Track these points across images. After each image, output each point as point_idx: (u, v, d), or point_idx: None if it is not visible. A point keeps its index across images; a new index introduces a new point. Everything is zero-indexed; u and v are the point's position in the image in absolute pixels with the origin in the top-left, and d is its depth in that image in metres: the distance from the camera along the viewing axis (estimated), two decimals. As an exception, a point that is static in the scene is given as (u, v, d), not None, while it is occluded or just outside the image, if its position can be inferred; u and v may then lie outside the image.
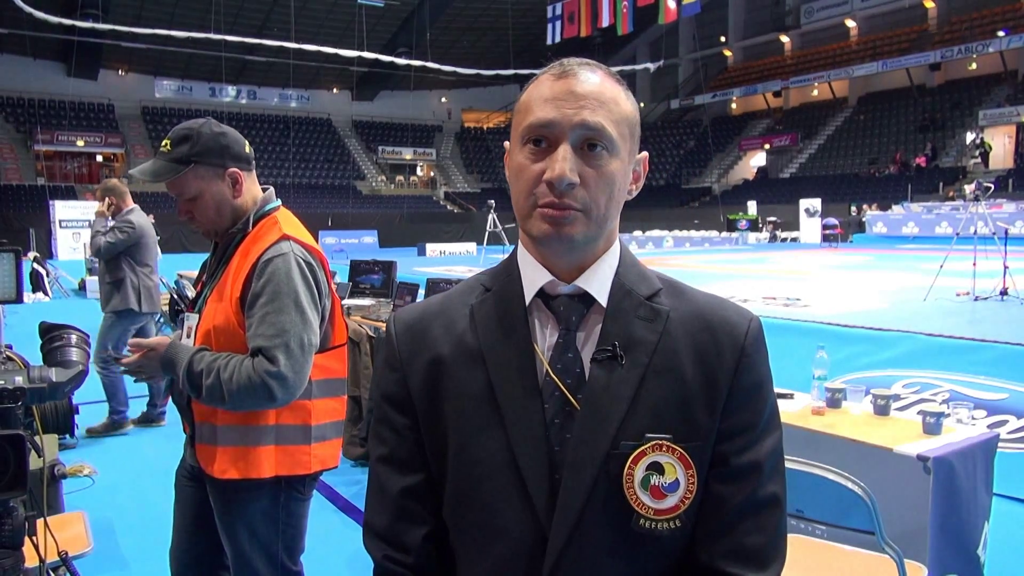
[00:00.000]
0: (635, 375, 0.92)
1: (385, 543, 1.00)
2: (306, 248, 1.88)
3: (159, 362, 1.81)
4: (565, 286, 0.95)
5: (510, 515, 0.92)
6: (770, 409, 0.97)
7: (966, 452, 2.55)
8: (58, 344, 1.99)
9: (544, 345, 0.95)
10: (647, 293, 0.97)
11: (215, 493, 1.93)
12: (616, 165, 0.92)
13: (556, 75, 0.93)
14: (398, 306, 5.80)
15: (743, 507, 0.93)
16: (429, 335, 1.00)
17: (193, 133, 1.87)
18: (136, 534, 3.62)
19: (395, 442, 1.00)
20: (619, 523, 0.90)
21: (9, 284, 1.90)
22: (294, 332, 1.77)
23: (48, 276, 14.63)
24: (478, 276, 1.06)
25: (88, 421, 4.99)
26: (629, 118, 0.94)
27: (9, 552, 1.64)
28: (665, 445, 0.89)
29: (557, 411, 0.92)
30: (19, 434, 1.55)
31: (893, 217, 24.89)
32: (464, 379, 0.96)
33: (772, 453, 0.95)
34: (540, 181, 0.90)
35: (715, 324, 0.95)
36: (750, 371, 0.95)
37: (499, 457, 0.92)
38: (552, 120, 0.90)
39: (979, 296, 7.76)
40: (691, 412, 0.92)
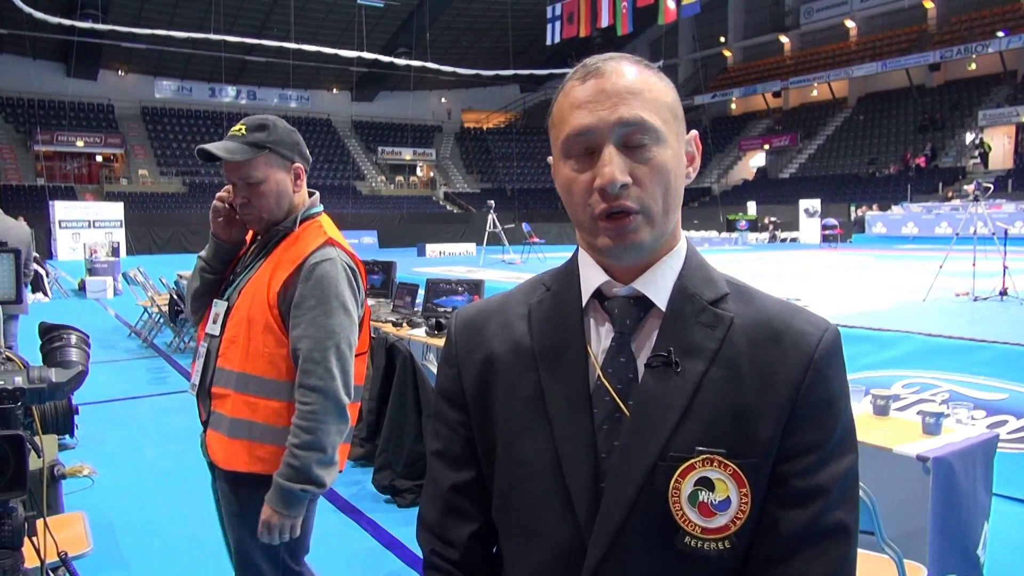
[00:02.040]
0: (690, 384, 0.86)
1: (434, 536, 1.00)
2: (350, 256, 1.94)
3: (285, 510, 1.80)
4: (621, 287, 0.91)
5: (551, 520, 0.90)
6: (843, 430, 0.88)
7: (966, 452, 2.54)
8: (58, 344, 1.99)
9: (598, 348, 0.91)
10: (711, 298, 0.91)
11: (221, 483, 1.95)
12: (667, 153, 0.87)
13: (582, 78, 0.89)
14: (398, 306, 5.80)
15: (803, 534, 0.85)
16: (485, 332, 0.98)
17: (270, 123, 1.91)
18: (136, 534, 3.62)
19: (448, 438, 1.00)
20: (663, 539, 0.85)
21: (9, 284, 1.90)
22: (343, 334, 1.83)
23: (48, 276, 14.62)
24: (541, 275, 1.03)
25: (88, 421, 4.98)
26: (668, 102, 0.89)
27: (9, 552, 1.64)
28: (717, 460, 0.84)
29: (606, 417, 0.88)
30: (19, 434, 1.55)
31: (893, 217, 24.90)
32: (516, 378, 0.94)
33: (842, 478, 0.87)
34: (592, 191, 0.86)
35: (782, 334, 0.89)
36: (819, 387, 0.87)
37: (544, 460, 0.90)
38: (589, 126, 0.86)
39: (979, 296, 7.76)
40: (749, 427, 0.85)
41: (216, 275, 2.01)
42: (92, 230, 24.33)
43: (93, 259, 15.64)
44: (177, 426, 5.46)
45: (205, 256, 2.03)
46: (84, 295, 14.63)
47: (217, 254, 2.01)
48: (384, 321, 5.26)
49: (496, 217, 19.54)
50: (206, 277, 2.02)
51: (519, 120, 45.56)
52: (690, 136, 0.94)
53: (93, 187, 33.30)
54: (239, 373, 1.86)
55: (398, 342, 4.27)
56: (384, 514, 3.84)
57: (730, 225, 28.72)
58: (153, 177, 35.44)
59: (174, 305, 8.42)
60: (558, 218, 35.30)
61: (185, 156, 36.40)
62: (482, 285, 5.35)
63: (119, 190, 32.55)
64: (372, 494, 4.05)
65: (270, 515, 1.79)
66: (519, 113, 45.94)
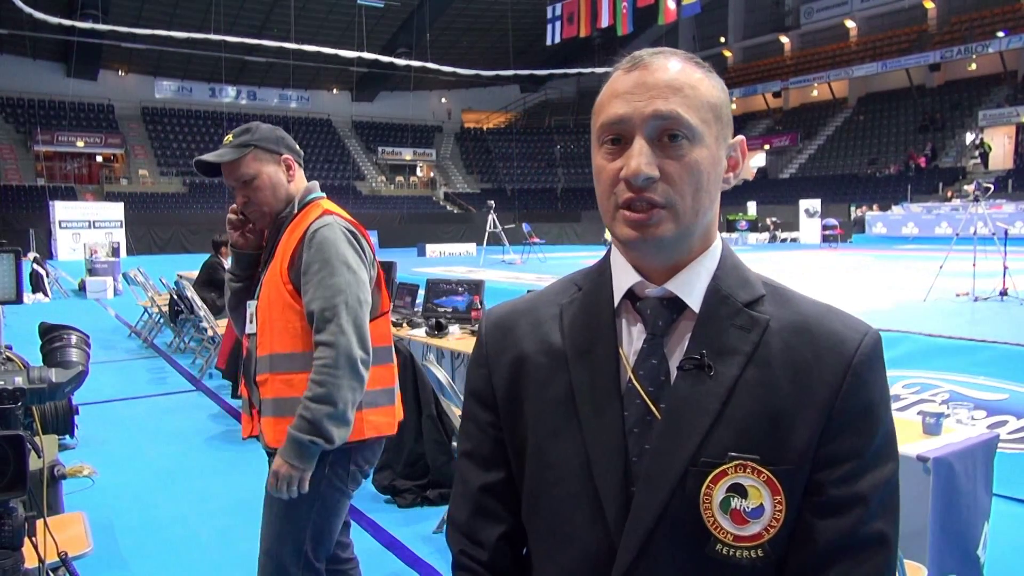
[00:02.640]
0: (723, 387, 0.84)
1: (463, 536, 0.99)
2: (348, 222, 2.03)
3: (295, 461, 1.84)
4: (654, 288, 0.89)
5: (580, 523, 0.88)
6: (882, 437, 0.86)
7: (966, 452, 2.54)
8: (58, 345, 1.99)
9: (630, 349, 0.90)
10: (746, 299, 0.88)
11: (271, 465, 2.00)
12: (701, 153, 0.85)
13: (627, 68, 0.88)
14: (398, 306, 5.80)
15: (841, 544, 0.83)
16: (515, 333, 0.97)
17: (252, 126, 2.06)
18: (136, 535, 3.62)
19: (478, 438, 0.99)
20: (694, 546, 0.83)
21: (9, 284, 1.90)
22: (350, 291, 1.90)
23: (48, 277, 14.62)
24: (573, 275, 1.01)
25: (88, 421, 4.99)
26: (711, 102, 0.87)
27: (9, 553, 1.64)
28: (750, 466, 0.82)
29: (637, 420, 0.87)
30: (19, 435, 1.55)
31: (893, 217, 24.91)
32: (546, 379, 0.93)
33: (881, 487, 0.85)
34: (619, 180, 0.85)
35: (820, 337, 0.86)
36: (858, 393, 0.84)
37: (574, 462, 0.89)
38: (623, 115, 0.85)
39: (979, 296, 7.77)
40: (784, 433, 0.83)
41: (243, 282, 2.14)
42: (92, 230, 24.34)
43: (93, 259, 15.64)
44: (177, 426, 5.46)
45: (230, 268, 2.18)
46: (84, 295, 14.62)
47: (239, 262, 2.14)
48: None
49: (496, 217, 19.54)
50: (234, 286, 2.15)
51: (519, 120, 45.56)
52: (735, 141, 0.92)
53: (93, 187, 33.30)
54: (270, 355, 1.96)
55: (398, 342, 4.26)
56: (384, 514, 3.84)
57: (730, 225, 28.71)
58: (153, 177, 35.44)
59: (174, 305, 8.41)
60: (558, 218, 35.32)
61: (185, 156, 36.40)
62: (482, 285, 5.35)
63: (119, 190, 32.55)
64: (372, 494, 4.05)
65: (280, 465, 1.84)
66: (519, 113, 45.94)
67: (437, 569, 3.21)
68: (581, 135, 43.05)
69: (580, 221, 34.32)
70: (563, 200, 39.49)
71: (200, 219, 29.61)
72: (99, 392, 6.29)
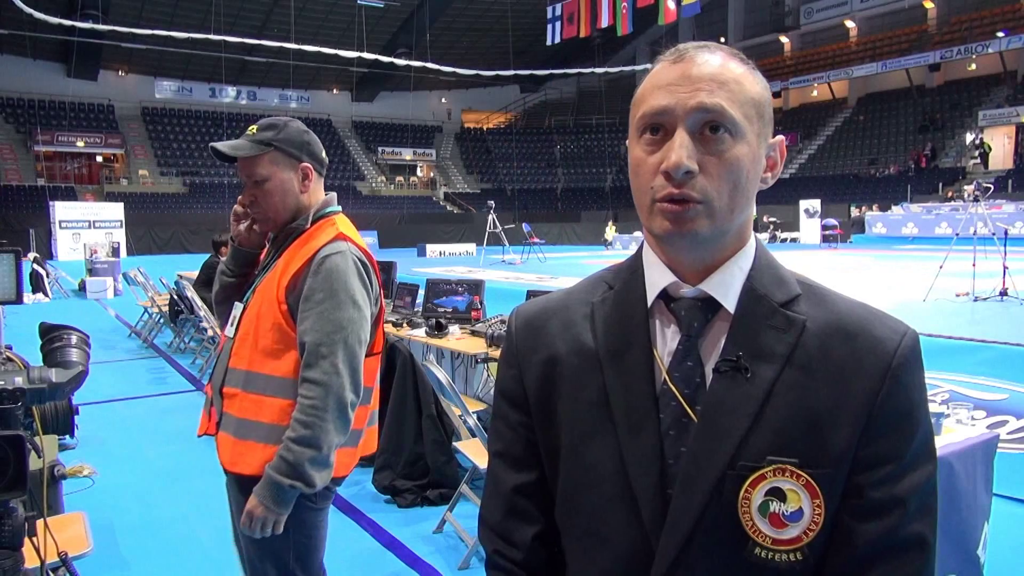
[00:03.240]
0: (760, 390, 0.83)
1: (497, 536, 0.98)
2: (362, 251, 1.91)
3: (271, 504, 1.74)
4: (689, 288, 0.88)
5: (616, 525, 0.88)
6: (921, 439, 0.85)
7: (966, 452, 2.55)
8: (58, 345, 2.00)
9: (664, 351, 0.89)
10: (782, 299, 0.87)
11: (232, 486, 1.91)
12: (742, 150, 0.83)
13: (671, 60, 0.86)
14: (398, 306, 5.80)
15: (880, 547, 0.83)
16: (547, 332, 0.96)
17: (280, 123, 1.93)
18: (136, 535, 3.62)
19: (509, 438, 0.98)
20: (732, 549, 0.83)
21: (9, 284, 1.90)
22: (352, 329, 1.80)
23: (48, 277, 14.62)
24: (603, 272, 1.00)
25: (88, 421, 4.99)
26: (756, 99, 0.86)
27: (9, 553, 1.64)
28: (789, 470, 0.81)
29: (673, 422, 0.86)
30: (19, 435, 1.55)
31: (893, 218, 24.91)
32: (579, 381, 0.92)
33: (920, 489, 0.84)
34: (657, 173, 0.83)
35: (858, 338, 0.85)
36: (898, 395, 0.83)
37: (609, 465, 0.88)
38: (666, 107, 0.83)
39: (979, 296, 7.77)
40: (822, 436, 0.82)
41: (235, 278, 2.03)
42: (92, 230, 24.34)
43: (93, 259, 15.63)
44: (177, 426, 5.45)
45: (225, 260, 2.06)
46: (84, 295, 14.62)
47: (236, 258, 2.03)
48: (384, 321, 5.26)
49: (496, 217, 19.55)
50: (224, 280, 2.04)
51: (519, 120, 45.56)
52: (775, 141, 0.91)
53: (93, 187, 33.30)
54: (246, 371, 1.84)
55: (398, 342, 4.27)
56: (384, 514, 3.84)
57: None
58: (153, 177, 35.45)
59: (174, 305, 8.41)
60: (558, 218, 35.34)
61: (185, 156, 36.43)
62: (482, 285, 5.35)
63: (119, 190, 32.55)
64: (372, 494, 4.05)
65: (255, 506, 1.74)
66: (519, 113, 45.94)
67: (437, 569, 3.21)
68: (581, 135, 43.05)
69: (580, 221, 34.33)
70: (563, 200, 39.50)
71: (200, 219, 29.62)
72: (99, 392, 6.29)
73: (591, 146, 41.97)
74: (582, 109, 44.07)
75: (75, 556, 2.21)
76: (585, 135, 42.86)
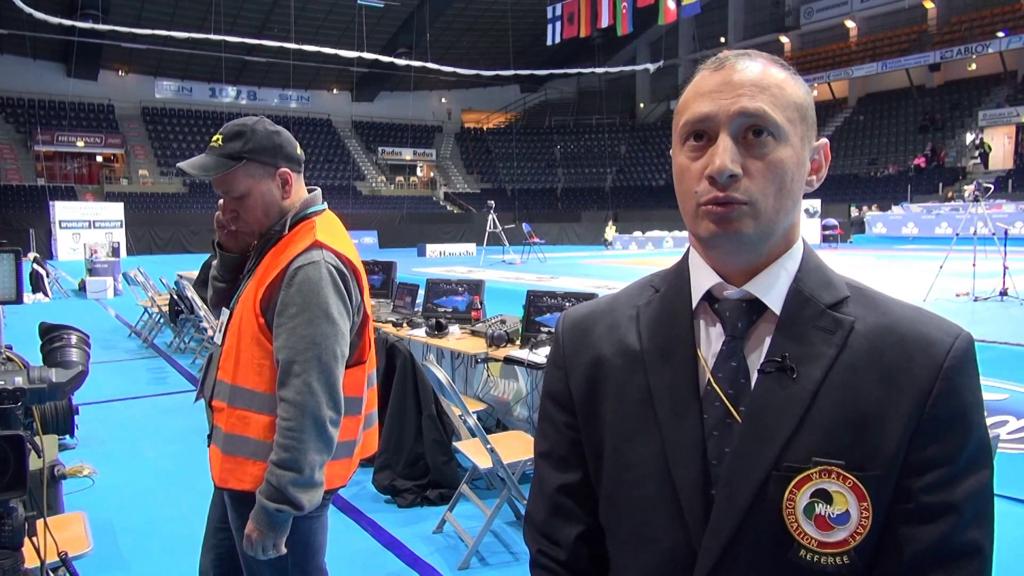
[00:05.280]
0: (806, 391, 0.82)
1: (541, 536, 0.99)
2: (339, 257, 1.80)
3: (264, 528, 1.72)
4: (733, 290, 0.88)
5: (660, 525, 0.88)
6: (976, 443, 0.83)
7: (966, 452, 2.54)
8: (58, 344, 2.00)
9: (708, 352, 0.89)
10: (830, 301, 0.86)
11: (225, 499, 1.89)
12: (786, 153, 0.84)
13: (713, 68, 0.88)
14: (398, 306, 5.80)
15: (933, 554, 0.81)
16: (593, 334, 0.97)
17: (247, 130, 1.80)
18: (136, 535, 3.62)
19: (555, 439, 0.99)
20: (777, 551, 0.82)
21: (9, 284, 1.90)
22: (325, 344, 1.72)
23: (48, 277, 14.62)
24: (651, 277, 1.00)
25: (88, 421, 4.99)
26: (798, 102, 0.86)
27: (9, 553, 1.64)
28: (835, 472, 0.80)
29: (717, 423, 0.86)
30: (19, 435, 1.55)
31: (893, 218, 24.92)
32: (624, 381, 0.93)
33: (975, 495, 0.83)
34: (702, 178, 0.84)
35: (909, 340, 0.83)
36: (950, 397, 0.82)
37: (653, 464, 0.88)
38: (708, 113, 0.84)
39: (979, 296, 7.77)
40: (871, 438, 0.81)
41: (226, 283, 1.97)
42: (92, 230, 24.35)
43: (93, 259, 15.63)
44: (177, 426, 5.45)
45: (215, 265, 2.00)
46: (84, 295, 14.62)
47: (223, 263, 1.97)
48: (384, 321, 5.27)
49: (496, 217, 19.55)
50: (217, 286, 1.99)
51: (519, 120, 45.57)
52: (819, 144, 0.91)
53: (93, 187, 33.31)
54: (231, 385, 1.79)
55: (398, 342, 4.27)
56: (384, 514, 3.84)
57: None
58: (153, 177, 35.46)
59: (174, 305, 8.41)
60: (558, 218, 35.34)
61: (185, 156, 36.25)
62: (482, 285, 5.35)
63: (119, 190, 32.57)
64: (372, 494, 4.05)
65: (251, 530, 1.72)
66: (519, 113, 45.96)
67: (437, 569, 3.21)
68: (581, 135, 43.06)
69: (580, 221, 34.34)
70: (563, 200, 39.50)
71: (200, 219, 29.60)
72: (99, 392, 6.29)
73: (591, 146, 41.97)
74: (582, 109, 44.07)
75: (75, 556, 2.21)
76: (585, 135, 42.86)
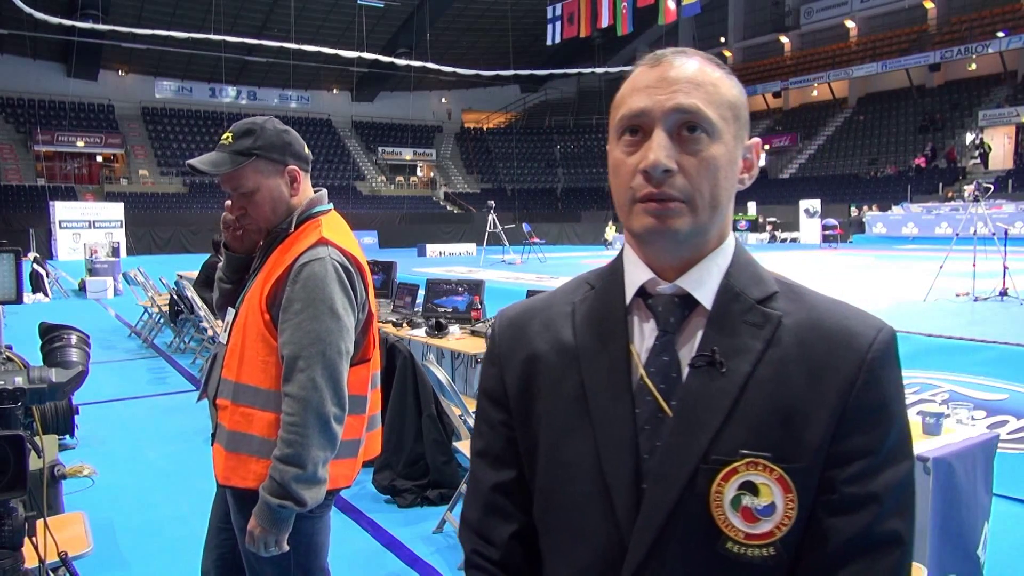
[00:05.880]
0: (735, 384, 0.84)
1: (475, 535, 0.99)
2: (344, 254, 1.81)
3: (267, 525, 1.72)
4: (666, 285, 0.89)
5: (591, 521, 0.88)
6: (897, 435, 0.85)
7: (966, 453, 2.55)
8: (58, 344, 2.00)
9: (642, 347, 0.90)
10: (759, 296, 0.88)
11: (228, 497, 1.89)
12: (719, 150, 0.85)
13: (650, 65, 0.88)
14: (398, 306, 5.80)
15: (855, 543, 0.83)
16: (528, 331, 0.97)
17: (256, 127, 1.83)
18: (136, 535, 3.62)
19: (490, 437, 0.99)
20: (704, 544, 0.83)
21: (9, 284, 1.90)
22: (330, 340, 1.72)
23: (48, 277, 14.62)
24: (587, 274, 1.01)
25: (88, 421, 4.99)
26: (731, 101, 0.88)
27: (9, 553, 1.64)
28: (762, 464, 0.81)
29: (649, 417, 0.86)
30: (19, 435, 1.55)
31: (893, 218, 24.92)
32: (558, 378, 0.93)
33: (896, 486, 0.84)
34: (636, 173, 0.85)
35: (834, 333, 0.85)
36: (872, 389, 0.84)
37: (586, 461, 0.89)
38: (644, 108, 0.85)
39: (979, 296, 7.77)
40: (796, 430, 0.83)
41: (232, 284, 1.99)
42: (92, 230, 24.35)
43: (93, 259, 15.64)
44: (177, 426, 5.46)
45: (221, 266, 2.02)
46: (84, 295, 14.62)
47: (229, 264, 1.99)
48: (384, 321, 5.27)
49: (496, 217, 19.55)
50: (222, 287, 2.00)
51: (519, 120, 45.57)
52: (751, 143, 0.92)
53: (93, 187, 33.30)
54: (235, 383, 1.80)
55: (398, 342, 4.27)
56: (384, 514, 3.84)
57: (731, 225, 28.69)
58: (153, 177, 35.45)
59: (174, 305, 8.42)
60: (558, 218, 35.32)
61: (185, 156, 36.34)
62: (482, 285, 5.35)
63: (119, 190, 32.56)
64: (372, 494, 4.05)
65: (253, 526, 1.72)
66: (519, 113, 45.96)
67: (437, 569, 3.21)
68: (581, 135, 43.05)
69: (580, 221, 34.33)
70: (563, 200, 39.50)
71: (200, 219, 29.61)
72: (99, 392, 6.29)
73: (591, 146, 41.96)
74: (582, 109, 44.06)
75: (75, 556, 2.21)
76: (585, 135, 42.85)
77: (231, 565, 1.97)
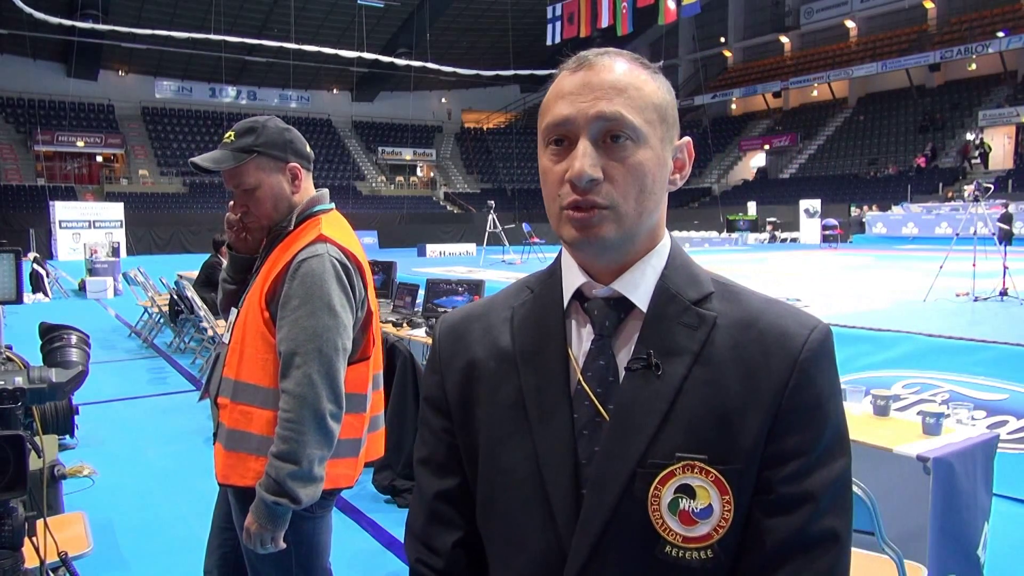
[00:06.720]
0: (670, 387, 0.83)
1: (420, 544, 0.99)
2: (343, 251, 1.82)
3: (263, 521, 1.71)
4: (601, 288, 0.89)
5: (532, 528, 0.88)
6: (832, 433, 0.84)
7: (966, 453, 2.55)
8: (58, 344, 2.00)
9: (579, 351, 0.89)
10: (695, 297, 0.88)
11: (228, 496, 1.89)
12: (645, 155, 0.84)
13: (572, 69, 0.87)
14: (398, 306, 5.80)
15: (792, 542, 0.82)
16: (468, 338, 0.97)
17: (258, 125, 1.86)
18: (136, 535, 3.62)
19: (433, 445, 0.99)
20: (643, 548, 0.82)
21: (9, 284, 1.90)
22: (327, 337, 1.72)
23: (48, 277, 14.63)
24: (527, 278, 1.00)
25: (88, 421, 4.99)
26: (656, 103, 0.86)
27: (9, 553, 1.64)
28: (698, 466, 0.81)
29: (587, 422, 0.86)
30: (19, 435, 1.55)
31: (893, 218, 24.92)
32: (496, 384, 0.92)
33: (832, 484, 0.83)
34: (563, 181, 0.85)
35: (767, 333, 0.85)
36: (805, 389, 0.83)
37: (525, 467, 0.88)
38: (567, 117, 0.84)
39: (979, 297, 7.76)
40: (732, 431, 0.82)
41: (236, 285, 2.00)
42: (92, 230, 24.36)
43: (93, 259, 15.65)
44: (177, 426, 5.46)
45: (225, 267, 2.03)
46: (84, 295, 14.63)
47: (233, 264, 2.00)
48: (384, 321, 5.27)
49: (496, 217, 19.55)
50: (226, 287, 2.01)
51: (519, 120, 45.56)
52: (682, 143, 0.92)
53: (93, 187, 33.31)
54: (235, 381, 1.80)
55: (398, 342, 4.27)
56: (384, 514, 3.84)
57: (730, 225, 28.73)
58: (153, 177, 35.46)
59: (174, 305, 8.41)
60: (558, 218, 35.30)
61: (185, 156, 36.33)
62: (482, 285, 5.35)
63: (119, 190, 32.56)
64: (372, 494, 4.05)
65: (250, 523, 1.72)
66: (519, 113, 45.95)
67: (437, 569, 3.21)
68: (581, 135, 42.99)
69: (580, 221, 34.28)
70: (563, 200, 39.46)
71: (200, 219, 29.61)
72: (99, 392, 6.29)
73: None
74: (582, 109, 44.04)
75: (75, 556, 2.21)
76: (585, 135, 42.80)
77: (234, 565, 1.97)
